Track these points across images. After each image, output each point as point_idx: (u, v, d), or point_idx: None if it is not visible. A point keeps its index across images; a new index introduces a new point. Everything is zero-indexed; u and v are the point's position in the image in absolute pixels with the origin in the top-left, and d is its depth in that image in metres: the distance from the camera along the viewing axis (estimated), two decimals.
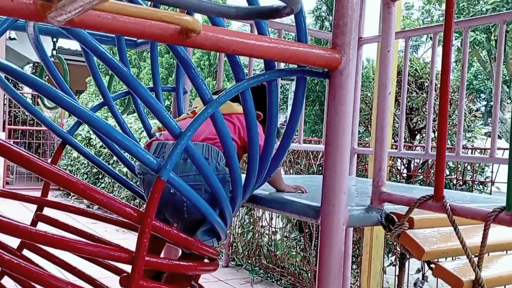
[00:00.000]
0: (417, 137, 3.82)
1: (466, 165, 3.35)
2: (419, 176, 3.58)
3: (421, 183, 3.52)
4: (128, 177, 4.89)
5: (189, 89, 2.14)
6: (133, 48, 2.17)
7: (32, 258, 1.51)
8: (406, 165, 3.69)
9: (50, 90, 1.17)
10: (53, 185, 1.48)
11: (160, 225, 1.25)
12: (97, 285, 1.58)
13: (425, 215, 1.33)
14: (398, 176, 3.65)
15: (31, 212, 1.68)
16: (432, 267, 1.27)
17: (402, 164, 3.73)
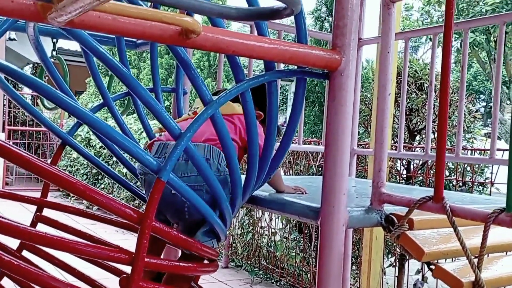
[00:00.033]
0: (417, 138, 3.82)
1: (466, 166, 3.35)
2: (419, 177, 3.58)
3: (421, 184, 3.52)
4: (128, 178, 4.89)
5: (189, 90, 2.14)
6: (133, 49, 2.17)
7: (32, 259, 1.50)
8: (406, 166, 3.69)
9: (50, 91, 1.16)
10: (53, 186, 1.48)
11: (160, 226, 1.25)
12: (97, 286, 1.58)
13: (425, 216, 1.33)
14: (398, 177, 3.65)
15: (31, 213, 1.68)
16: (432, 268, 1.27)
17: (402, 165, 3.73)
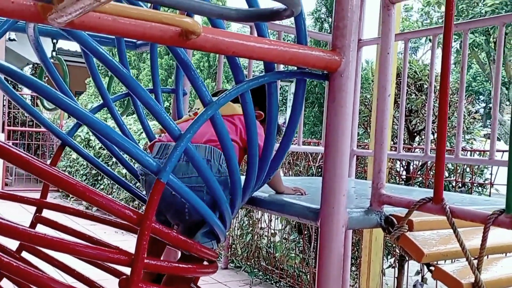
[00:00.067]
0: (416, 139, 3.82)
1: (465, 167, 3.35)
2: (418, 178, 3.58)
3: (420, 185, 3.52)
4: (127, 179, 4.89)
5: (189, 91, 2.14)
6: (133, 50, 2.17)
7: (31, 260, 1.50)
8: (405, 167, 3.69)
9: (50, 92, 1.16)
10: (52, 187, 1.47)
11: (160, 227, 1.25)
12: (96, 287, 1.58)
13: (425, 217, 1.33)
14: (397, 178, 3.65)
15: (30, 214, 1.68)
16: (432, 270, 1.27)
17: (401, 166, 3.73)
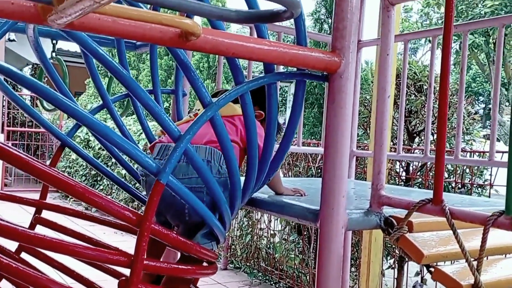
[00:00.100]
0: (416, 140, 3.82)
1: (465, 168, 3.35)
2: (418, 179, 3.58)
3: (420, 186, 3.52)
4: (127, 180, 4.89)
5: (188, 92, 2.14)
6: (133, 50, 2.17)
7: (30, 261, 1.50)
8: (405, 168, 3.69)
9: (49, 93, 1.16)
10: (52, 187, 1.47)
11: (159, 229, 1.24)
12: None
13: (424, 219, 1.33)
14: (397, 179, 3.65)
15: (30, 214, 1.67)
16: (431, 271, 1.27)
17: (401, 167, 3.73)
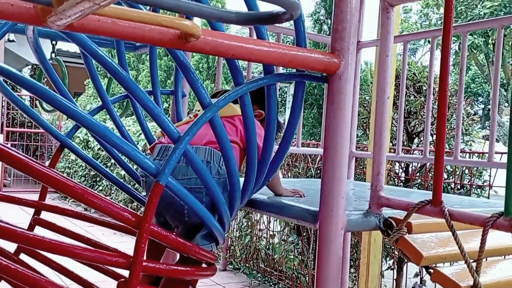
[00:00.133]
0: (415, 141, 3.82)
1: (464, 169, 3.35)
2: (417, 180, 3.58)
3: (419, 187, 3.52)
4: (126, 180, 4.88)
5: (188, 92, 2.14)
6: (132, 51, 2.17)
7: (29, 262, 1.50)
8: (404, 169, 3.69)
9: (49, 94, 1.16)
10: (51, 188, 1.47)
11: (158, 230, 1.24)
12: None
13: (424, 220, 1.33)
14: (396, 180, 3.65)
15: (29, 215, 1.67)
16: (431, 272, 1.27)
17: (400, 168, 3.73)
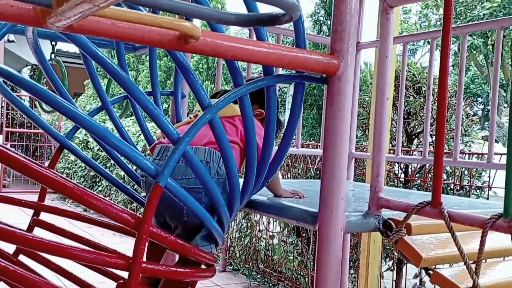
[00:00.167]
0: (415, 142, 3.82)
1: (464, 170, 3.36)
2: (417, 181, 3.58)
3: (419, 188, 3.52)
4: (125, 181, 4.88)
5: (187, 93, 2.14)
6: (132, 52, 2.17)
7: (28, 263, 1.50)
8: (404, 170, 3.69)
9: (48, 95, 1.16)
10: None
11: (157, 231, 1.24)
12: None
13: (423, 221, 1.33)
14: (396, 181, 3.65)
15: (28, 215, 1.67)
16: (430, 274, 1.27)
17: (400, 169, 3.73)
